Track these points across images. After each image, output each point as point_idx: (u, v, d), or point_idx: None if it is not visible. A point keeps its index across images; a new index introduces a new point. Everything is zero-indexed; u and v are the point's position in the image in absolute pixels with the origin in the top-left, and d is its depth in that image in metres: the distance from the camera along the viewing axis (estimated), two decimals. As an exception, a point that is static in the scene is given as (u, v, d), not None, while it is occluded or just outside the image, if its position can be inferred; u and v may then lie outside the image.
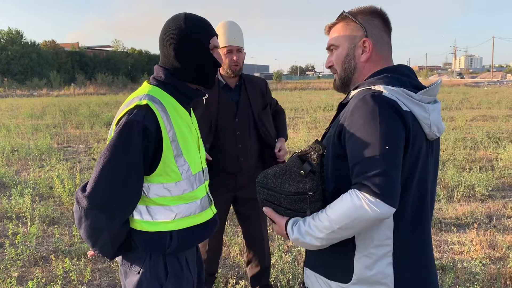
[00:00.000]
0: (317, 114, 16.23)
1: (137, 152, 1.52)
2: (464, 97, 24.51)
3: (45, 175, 7.16)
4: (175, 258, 1.69)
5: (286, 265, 3.68)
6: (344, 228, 1.32)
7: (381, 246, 1.40)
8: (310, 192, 1.40)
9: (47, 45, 63.42)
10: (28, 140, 11.14)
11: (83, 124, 14.45)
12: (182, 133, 1.62)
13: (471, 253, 4.05)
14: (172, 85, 1.66)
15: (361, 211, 1.27)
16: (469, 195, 5.87)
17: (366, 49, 1.50)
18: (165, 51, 1.67)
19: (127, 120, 1.52)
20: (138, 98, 1.57)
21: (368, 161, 1.30)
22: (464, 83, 51.57)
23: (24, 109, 20.71)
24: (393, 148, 1.31)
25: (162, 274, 1.66)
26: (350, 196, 1.31)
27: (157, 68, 1.70)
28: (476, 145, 9.30)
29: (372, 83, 1.43)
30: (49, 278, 3.69)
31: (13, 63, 54.70)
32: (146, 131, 1.52)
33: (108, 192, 1.51)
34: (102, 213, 1.51)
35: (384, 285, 1.40)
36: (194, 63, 1.66)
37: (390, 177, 1.28)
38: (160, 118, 1.54)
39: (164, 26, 1.68)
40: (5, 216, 5.27)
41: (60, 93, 38.68)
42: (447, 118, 14.53)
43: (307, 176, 1.39)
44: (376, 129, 1.31)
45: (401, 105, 1.36)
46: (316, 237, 1.37)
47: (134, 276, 1.66)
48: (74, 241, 4.43)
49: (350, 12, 1.54)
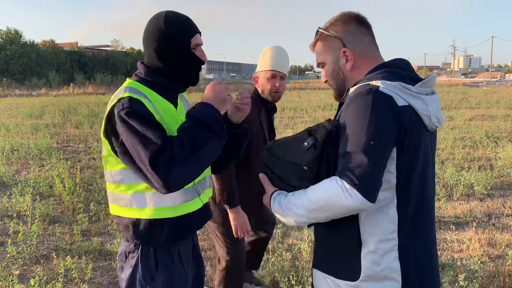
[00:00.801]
0: (316, 114, 16.25)
1: (146, 114, 1.53)
2: (463, 97, 24.56)
3: (45, 174, 7.17)
4: (166, 251, 1.72)
5: (286, 263, 3.70)
6: (320, 210, 1.37)
7: (386, 241, 1.41)
8: (305, 167, 1.43)
9: (46, 44, 63.43)
10: (28, 140, 11.14)
11: (82, 124, 14.47)
12: (169, 125, 1.61)
13: (470, 251, 4.07)
14: (150, 80, 1.68)
15: (337, 197, 1.32)
16: (468, 194, 5.89)
17: (349, 58, 1.54)
18: (147, 51, 1.69)
19: (117, 112, 1.53)
20: (119, 92, 1.61)
21: (352, 153, 1.33)
22: (463, 83, 51.62)
23: (23, 109, 20.72)
24: (378, 144, 1.33)
25: (153, 266, 1.70)
26: (330, 181, 1.35)
27: (139, 65, 1.73)
28: (475, 145, 9.33)
29: (370, 79, 1.45)
30: (50, 276, 3.70)
31: (12, 63, 54.70)
32: (138, 111, 1.53)
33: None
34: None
35: (392, 280, 1.41)
36: (176, 63, 1.68)
37: (370, 171, 1.31)
38: (146, 103, 1.56)
39: (146, 26, 1.70)
40: (6, 215, 5.28)
41: (59, 93, 38.70)
42: (446, 117, 14.55)
43: (308, 149, 1.42)
44: (364, 123, 1.34)
45: (397, 100, 1.38)
46: (294, 213, 1.42)
47: (128, 269, 1.71)
48: (75, 239, 4.44)
49: (324, 27, 1.59)
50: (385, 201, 1.40)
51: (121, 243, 1.80)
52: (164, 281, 1.70)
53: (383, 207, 1.40)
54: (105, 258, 4.11)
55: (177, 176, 1.46)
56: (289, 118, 15.32)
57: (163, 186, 1.46)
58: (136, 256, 1.70)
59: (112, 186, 1.72)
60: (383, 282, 1.41)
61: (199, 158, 1.50)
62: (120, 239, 4.24)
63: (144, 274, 1.69)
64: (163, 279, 1.70)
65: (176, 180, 1.47)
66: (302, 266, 3.66)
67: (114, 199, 1.73)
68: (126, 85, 1.64)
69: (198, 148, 1.48)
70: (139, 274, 1.69)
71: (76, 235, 4.48)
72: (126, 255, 1.73)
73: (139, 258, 1.69)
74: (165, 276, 1.71)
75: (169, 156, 1.45)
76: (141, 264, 1.69)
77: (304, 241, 4.04)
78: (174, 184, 1.48)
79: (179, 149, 1.45)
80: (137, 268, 1.70)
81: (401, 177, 1.40)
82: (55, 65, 60.00)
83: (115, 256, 4.02)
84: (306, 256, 3.89)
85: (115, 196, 1.73)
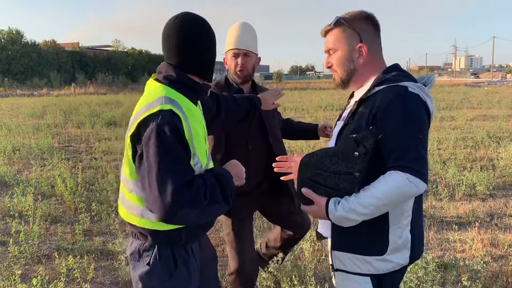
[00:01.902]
0: (318, 114, 16.24)
1: (177, 147, 1.57)
2: (464, 97, 24.51)
3: (47, 174, 7.17)
4: (182, 249, 1.76)
5: (288, 263, 3.70)
6: (388, 203, 1.52)
7: (407, 216, 1.65)
8: (357, 173, 1.57)
9: (48, 45, 63.46)
10: (29, 140, 11.15)
11: (84, 124, 14.47)
12: (196, 131, 1.66)
13: (472, 251, 4.06)
14: (182, 82, 1.70)
15: (406, 188, 1.49)
16: (470, 194, 5.88)
17: (362, 53, 1.70)
18: (169, 48, 1.71)
19: (157, 127, 1.54)
20: (159, 101, 1.60)
21: (408, 148, 1.51)
22: (464, 83, 51.54)
23: (25, 109, 20.73)
24: (424, 135, 1.55)
25: (171, 264, 1.72)
26: (393, 176, 1.50)
27: (166, 66, 1.73)
28: (477, 145, 9.31)
29: (396, 80, 1.62)
30: (52, 275, 3.70)
31: (13, 63, 54.77)
32: (177, 131, 1.56)
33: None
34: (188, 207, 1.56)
35: (406, 249, 1.66)
36: (199, 60, 1.72)
37: (424, 160, 1.52)
38: (183, 120, 1.59)
39: (165, 25, 1.72)
40: (7, 214, 5.28)
41: (60, 93, 38.71)
42: (448, 117, 14.54)
43: (359, 157, 1.55)
44: (410, 119, 1.54)
45: (422, 98, 1.60)
46: (360, 213, 1.54)
47: (144, 267, 1.71)
48: (77, 239, 4.44)
49: (345, 18, 1.71)
50: None
51: (131, 242, 1.79)
52: (183, 276, 1.74)
53: None
54: (107, 257, 4.11)
55: (185, 216, 1.55)
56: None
57: (164, 216, 1.53)
58: (151, 254, 1.71)
59: (125, 189, 1.72)
60: (401, 252, 1.65)
61: (208, 211, 1.62)
62: (122, 239, 4.24)
63: (163, 272, 1.71)
64: (182, 275, 1.74)
65: (181, 219, 1.57)
66: (305, 266, 3.65)
67: (125, 204, 1.74)
68: (164, 94, 1.63)
69: (213, 203, 1.61)
70: (157, 271, 1.70)
71: (78, 235, 4.48)
72: (140, 254, 1.73)
73: (156, 257, 1.70)
74: (184, 272, 1.74)
75: (193, 197, 1.54)
76: (160, 262, 1.70)
77: (306, 241, 4.03)
78: (177, 220, 1.58)
79: (203, 195, 1.57)
80: (155, 266, 1.70)
81: None
82: (56, 65, 60.04)
83: (117, 255, 4.02)
84: (308, 256, 3.88)
85: (127, 202, 1.74)
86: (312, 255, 3.91)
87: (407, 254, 1.66)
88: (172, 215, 1.52)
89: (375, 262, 1.65)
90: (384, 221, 1.62)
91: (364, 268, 1.67)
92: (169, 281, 1.71)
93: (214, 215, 1.74)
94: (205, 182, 1.60)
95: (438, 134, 10.58)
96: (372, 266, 1.66)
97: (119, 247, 4.13)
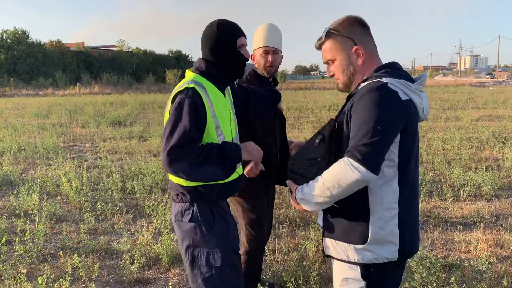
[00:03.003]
0: (322, 114, 16.22)
1: (191, 117, 1.92)
2: (469, 97, 24.42)
3: (52, 173, 7.21)
4: (217, 204, 2.11)
5: (293, 263, 3.70)
6: (333, 187, 1.62)
7: (390, 209, 1.69)
8: (319, 159, 1.73)
9: (53, 45, 63.64)
10: (35, 139, 11.21)
11: (89, 123, 14.53)
12: (219, 110, 2.06)
13: (477, 251, 4.05)
14: (209, 73, 2.12)
15: (346, 173, 1.57)
16: (475, 195, 5.85)
17: (360, 54, 1.78)
18: (204, 51, 2.15)
19: (180, 99, 1.96)
20: (186, 82, 2.03)
21: (360, 135, 1.58)
22: (469, 83, 51.30)
23: (30, 109, 20.84)
24: (384, 129, 1.58)
25: (210, 217, 2.07)
26: (338, 162, 1.62)
27: (200, 60, 2.16)
28: (482, 145, 9.28)
29: (379, 76, 1.70)
30: (57, 274, 3.72)
31: (19, 63, 54.98)
32: (195, 105, 1.94)
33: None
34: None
35: (392, 243, 1.70)
36: (226, 60, 2.12)
37: (374, 148, 1.56)
38: (204, 97, 1.99)
39: (203, 31, 2.15)
40: (13, 213, 5.32)
41: (65, 93, 38.86)
42: (453, 117, 14.49)
43: (319, 143, 1.74)
44: (374, 112, 1.59)
45: (401, 95, 1.65)
46: (312, 195, 1.70)
47: (187, 224, 2.06)
48: (82, 238, 4.46)
49: (334, 28, 1.80)
50: (389, 176, 1.67)
51: (173, 206, 2.13)
52: (222, 226, 2.09)
53: (388, 181, 1.67)
54: (112, 256, 4.12)
55: (178, 168, 1.87)
56: (294, 118, 15.30)
57: (166, 164, 1.87)
58: (192, 211, 2.06)
59: None
60: (385, 245, 1.69)
61: (200, 171, 1.91)
62: (127, 238, 4.26)
63: (204, 224, 2.05)
64: (221, 226, 2.09)
65: (176, 169, 1.87)
66: (309, 266, 3.65)
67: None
68: (192, 78, 2.07)
69: (205, 164, 1.89)
70: (199, 224, 2.04)
71: (83, 234, 4.50)
72: (182, 213, 2.08)
73: (197, 212, 2.05)
74: (222, 223, 2.10)
75: (186, 152, 1.86)
76: (200, 216, 2.05)
77: (310, 241, 4.03)
78: (174, 169, 1.87)
79: (195, 154, 1.87)
80: (196, 220, 2.05)
81: (402, 157, 1.67)
82: (61, 65, 60.15)
83: (122, 254, 4.03)
84: (312, 256, 3.88)
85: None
86: (316, 255, 3.91)
87: (394, 248, 1.70)
88: (168, 164, 1.86)
89: (357, 251, 1.71)
90: (363, 210, 1.70)
91: (347, 256, 1.74)
92: (211, 232, 2.04)
93: (206, 175, 1.95)
94: (204, 146, 1.92)
95: (443, 134, 10.55)
96: (355, 254, 1.72)
97: (123, 246, 4.15)
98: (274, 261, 3.88)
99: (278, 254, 4.02)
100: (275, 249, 4.14)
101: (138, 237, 4.36)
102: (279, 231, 4.56)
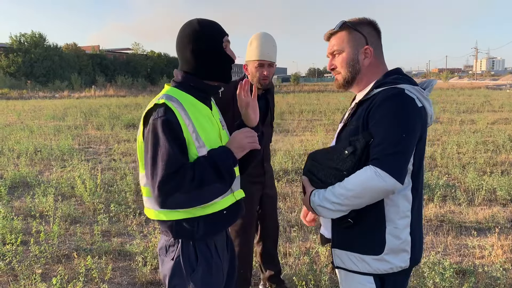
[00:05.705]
0: (335, 117, 16.15)
1: (168, 139, 1.66)
2: (485, 100, 24.07)
3: (67, 175, 7.31)
4: (204, 244, 1.82)
5: (304, 266, 3.69)
6: (357, 196, 1.58)
7: (404, 218, 1.67)
8: (345, 172, 1.65)
9: (69, 48, 64.51)
10: (50, 141, 11.37)
11: (103, 126, 14.69)
12: (202, 126, 1.75)
13: (492, 257, 3.99)
14: (188, 84, 1.81)
15: (372, 181, 1.54)
16: (490, 199, 5.77)
17: (368, 55, 1.76)
18: (183, 55, 1.81)
19: (152, 121, 1.68)
20: (157, 98, 1.75)
21: (386, 144, 1.56)
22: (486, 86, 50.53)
23: (46, 111, 21.15)
24: (409, 137, 1.57)
25: (193, 259, 1.80)
26: (364, 169, 1.57)
27: (176, 72, 1.87)
28: (498, 149, 9.14)
29: (394, 83, 1.68)
30: (71, 275, 3.77)
31: (36, 66, 55.83)
32: (169, 123, 1.66)
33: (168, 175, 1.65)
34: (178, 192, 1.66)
35: (405, 252, 1.69)
36: (212, 61, 1.81)
37: (400, 158, 1.56)
38: (178, 113, 1.68)
39: (179, 32, 1.82)
40: (29, 214, 5.40)
41: (81, 95, 39.33)
42: (468, 121, 14.30)
43: (348, 156, 1.65)
44: (397, 120, 1.58)
45: (417, 102, 1.63)
46: (332, 202, 1.63)
47: (169, 262, 1.82)
48: (95, 239, 4.52)
49: (351, 22, 1.78)
50: (405, 185, 1.63)
51: (160, 238, 1.89)
52: (204, 272, 1.81)
53: (403, 190, 1.65)
54: (125, 258, 4.17)
55: (176, 201, 1.65)
56: (307, 121, 15.26)
57: (159, 203, 1.65)
58: (176, 249, 1.80)
59: (144, 189, 1.82)
60: (399, 254, 1.68)
61: (201, 194, 1.68)
62: (140, 240, 4.30)
63: (185, 266, 1.79)
64: (203, 271, 1.81)
65: (173, 204, 1.66)
66: (320, 270, 3.64)
67: (149, 203, 1.82)
68: (165, 92, 1.78)
69: (203, 185, 1.66)
70: (180, 266, 1.79)
71: (97, 236, 4.56)
72: (166, 249, 1.83)
73: (180, 251, 1.80)
74: (204, 267, 1.81)
75: (178, 182, 1.62)
76: (182, 257, 1.79)
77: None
78: (171, 206, 1.67)
79: (189, 180, 1.63)
80: (178, 260, 1.80)
81: (416, 164, 1.67)
82: (77, 68, 60.94)
83: (135, 256, 4.07)
84: (324, 260, 3.87)
85: (144, 198, 1.84)
86: (328, 259, 3.89)
87: (407, 257, 1.69)
88: (163, 201, 1.64)
89: (372, 262, 1.68)
90: (379, 220, 1.66)
91: (362, 267, 1.70)
92: (191, 276, 1.79)
93: (210, 196, 1.73)
94: (193, 167, 1.66)
95: (458, 137, 10.41)
96: (370, 266, 1.69)
97: (136, 248, 4.18)
98: (285, 265, 3.88)
99: (290, 258, 4.02)
100: (286, 253, 4.14)
101: (150, 239, 4.40)
102: (290, 234, 4.55)
